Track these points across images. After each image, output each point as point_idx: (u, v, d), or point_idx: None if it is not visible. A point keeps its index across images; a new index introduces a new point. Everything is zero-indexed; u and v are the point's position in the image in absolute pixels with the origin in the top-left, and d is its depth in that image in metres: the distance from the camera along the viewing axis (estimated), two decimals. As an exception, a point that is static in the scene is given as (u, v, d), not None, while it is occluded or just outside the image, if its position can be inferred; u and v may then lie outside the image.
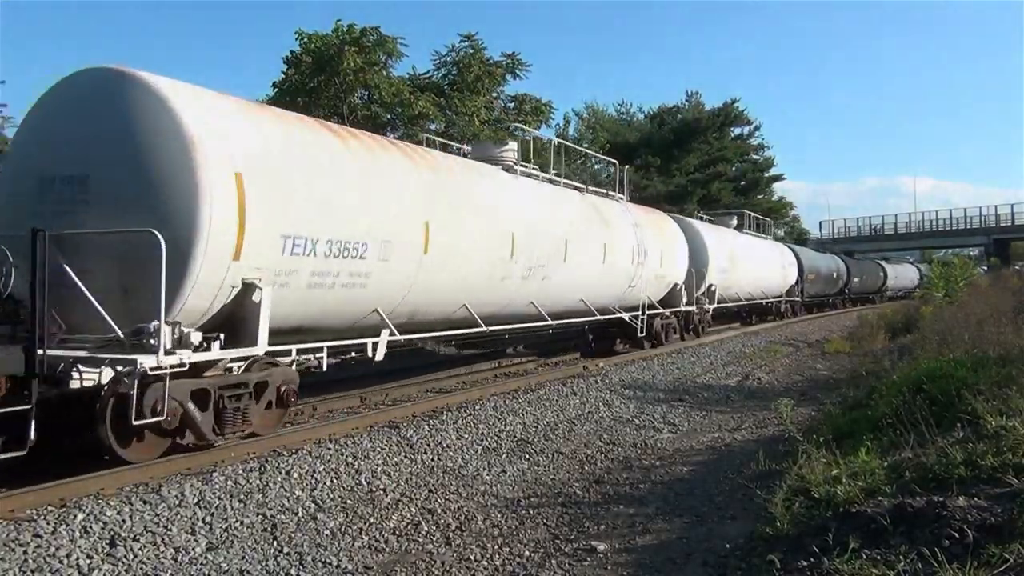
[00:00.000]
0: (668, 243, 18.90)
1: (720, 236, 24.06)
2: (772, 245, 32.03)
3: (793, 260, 32.88)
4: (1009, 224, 63.98)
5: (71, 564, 5.06)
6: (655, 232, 18.20)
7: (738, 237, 26.94)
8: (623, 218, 16.79)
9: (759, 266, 27.47)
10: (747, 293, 26.16)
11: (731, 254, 23.79)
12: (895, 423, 6.46)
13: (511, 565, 5.62)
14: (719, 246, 22.81)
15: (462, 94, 24.33)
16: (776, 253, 31.22)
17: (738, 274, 24.27)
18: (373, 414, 9.81)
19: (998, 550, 3.63)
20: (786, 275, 31.59)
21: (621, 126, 47.72)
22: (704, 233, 22.06)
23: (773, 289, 29.83)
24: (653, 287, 17.93)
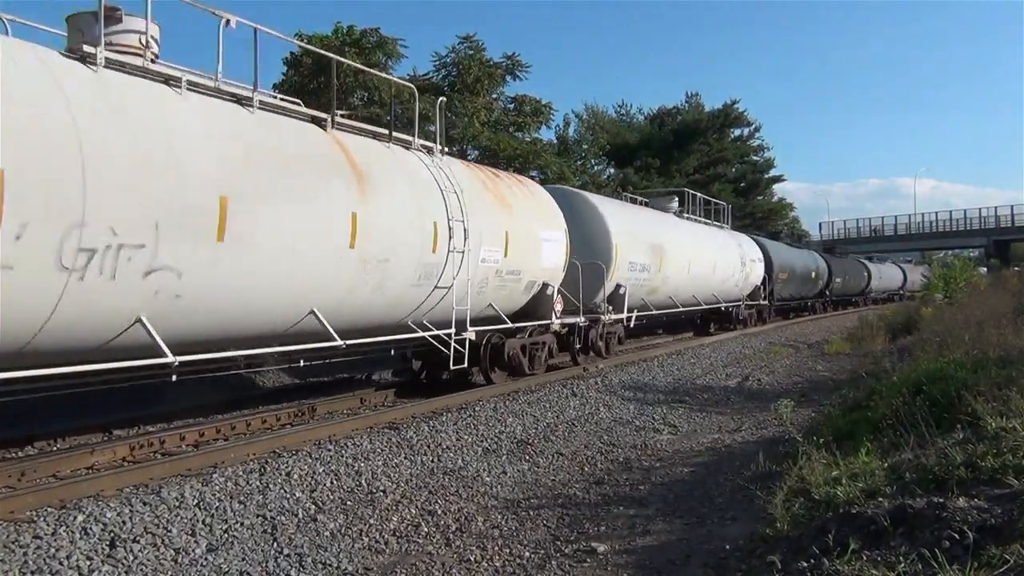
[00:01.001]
0: (525, 223, 12.85)
1: (638, 220, 18.72)
2: (729, 236, 26.11)
3: (758, 255, 27.57)
4: (1009, 225, 64.06)
5: (71, 565, 5.05)
6: (494, 202, 12.12)
7: (676, 224, 21.56)
8: (414, 171, 10.47)
9: (707, 262, 22.27)
10: (688, 296, 21.08)
11: (656, 246, 18.42)
12: (895, 424, 6.46)
13: (511, 566, 5.62)
14: (634, 233, 17.43)
15: (462, 95, 24.37)
16: (733, 246, 25.29)
17: (670, 272, 19.24)
18: (373, 415, 9.81)
19: (998, 551, 3.63)
20: (749, 274, 26.09)
21: (621, 127, 47.79)
22: (606, 214, 16.31)
23: (730, 291, 24.68)
24: (489, 290, 11.94)
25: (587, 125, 41.75)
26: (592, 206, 16.36)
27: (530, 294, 13.30)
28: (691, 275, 20.92)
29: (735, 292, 25.30)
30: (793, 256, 34.28)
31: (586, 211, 16.13)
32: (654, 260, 18.20)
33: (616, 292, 16.40)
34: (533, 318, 13.37)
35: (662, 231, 19.60)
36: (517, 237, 12.37)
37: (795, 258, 34.22)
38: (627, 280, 16.76)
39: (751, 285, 26.89)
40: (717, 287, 23.38)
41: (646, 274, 17.81)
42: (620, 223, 16.82)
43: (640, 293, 17.80)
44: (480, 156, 24.76)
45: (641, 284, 17.71)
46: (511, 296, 12.80)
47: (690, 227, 22.83)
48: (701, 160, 46.39)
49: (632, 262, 16.96)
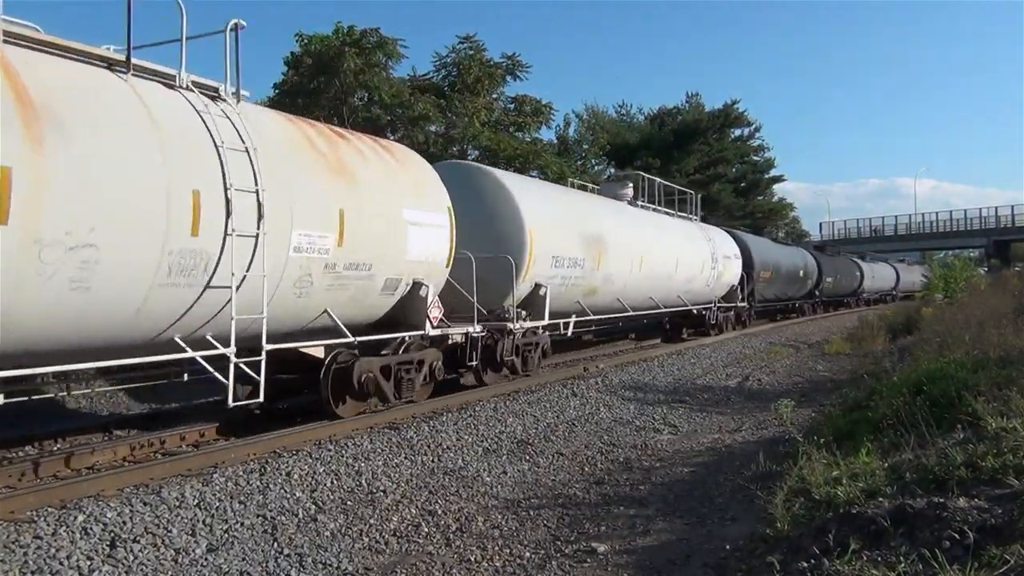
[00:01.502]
0: (380, 200, 9.59)
1: (566, 206, 15.35)
2: (698, 229, 22.88)
3: (734, 251, 24.57)
4: (1009, 225, 64.08)
5: (71, 566, 5.05)
6: (322, 169, 8.83)
7: (624, 213, 18.11)
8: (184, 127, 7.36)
9: (667, 258, 19.09)
10: (642, 299, 17.92)
11: (593, 237, 15.16)
12: (895, 424, 6.46)
13: (511, 566, 5.62)
14: (560, 221, 14.25)
15: (462, 95, 24.38)
16: (702, 241, 22.14)
17: (614, 269, 15.99)
18: (373, 415, 9.80)
19: (999, 551, 3.63)
20: (723, 272, 23.15)
21: (621, 127, 47.78)
22: (518, 195, 13.10)
23: (699, 292, 21.69)
24: (318, 291, 8.72)
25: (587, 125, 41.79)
26: (499, 184, 13.04)
27: (395, 296, 10.02)
28: (645, 273, 17.56)
29: (705, 293, 22.26)
30: (778, 253, 31.31)
31: (489, 191, 12.97)
32: (590, 255, 14.89)
33: (534, 294, 13.33)
34: (404, 328, 10.23)
35: (602, 220, 16.03)
36: (362, 218, 9.01)
37: (780, 255, 31.28)
38: (550, 279, 13.59)
39: (726, 285, 23.93)
40: (682, 287, 20.29)
41: (578, 271, 14.52)
42: (538, 208, 13.55)
43: (573, 295, 14.77)
44: (480, 156, 24.77)
45: (573, 284, 14.58)
46: (360, 299, 9.41)
47: (646, 217, 19.40)
48: (701, 160, 46.36)
49: (557, 257, 13.77)
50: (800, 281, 33.54)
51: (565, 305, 14.62)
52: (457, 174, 12.71)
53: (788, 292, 32.60)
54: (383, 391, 9.78)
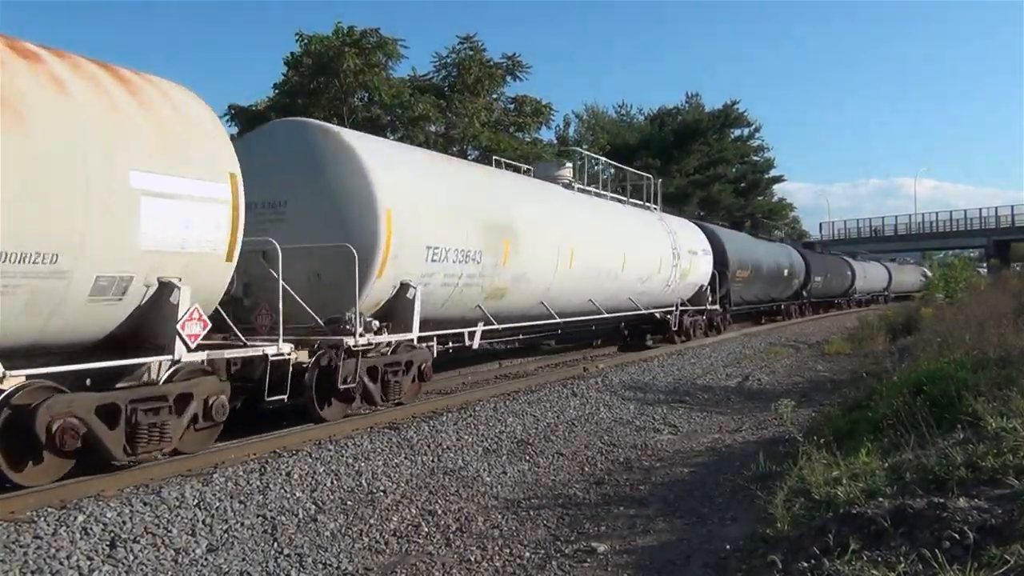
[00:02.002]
0: (95, 158, 6.38)
1: (454, 181, 11.87)
2: (657, 220, 19.83)
3: (703, 247, 21.65)
4: (1009, 225, 64.15)
5: (71, 566, 5.05)
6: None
7: (552, 198, 14.83)
8: None
9: (611, 253, 15.93)
10: (579, 302, 14.98)
11: (499, 225, 12.04)
12: (895, 424, 6.46)
13: (511, 566, 5.62)
14: (445, 203, 11.06)
15: (462, 96, 24.38)
16: (661, 234, 19.06)
17: (531, 266, 12.89)
18: (373, 415, 9.81)
19: (999, 551, 3.63)
20: (688, 270, 20.17)
21: (621, 127, 47.80)
22: (370, 163, 9.79)
23: (656, 293, 18.75)
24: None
25: (587, 125, 41.83)
26: (344, 149, 9.63)
27: (123, 304, 6.80)
28: (579, 271, 14.46)
29: (666, 295, 19.29)
30: (759, 250, 28.28)
31: (330, 156, 9.71)
32: (492, 247, 11.66)
33: (400, 297, 10.03)
34: (147, 350, 7.13)
35: (514, 205, 12.75)
36: (32, 181, 5.93)
37: (761, 253, 28.31)
38: (425, 277, 10.34)
39: (692, 285, 21.07)
40: (632, 288, 17.18)
41: (473, 268, 11.25)
42: (403, 182, 10.17)
43: (469, 298, 11.56)
44: (480, 156, 24.76)
45: (466, 284, 11.33)
46: (41, 310, 6.18)
47: (582, 204, 15.98)
48: (701, 160, 46.39)
49: (437, 248, 10.47)
50: (784, 281, 30.90)
51: (459, 311, 11.64)
52: (285, 134, 10.07)
53: (771, 293, 29.89)
54: (104, 447, 6.58)
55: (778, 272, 29.81)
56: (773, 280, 29.37)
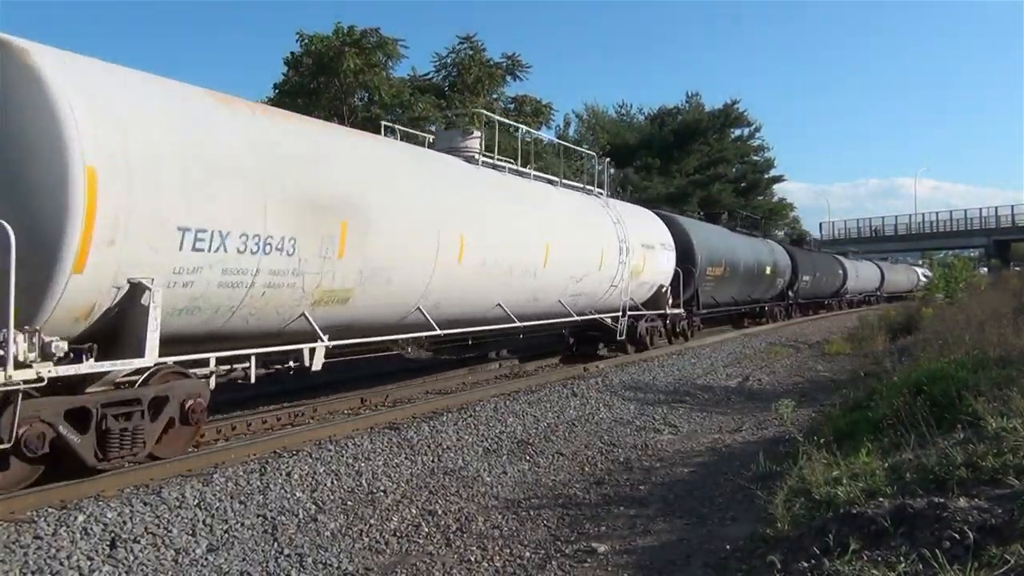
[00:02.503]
0: None
1: (267, 140, 8.12)
2: (600, 206, 16.11)
3: (662, 241, 18.33)
4: (1009, 225, 64.15)
5: (72, 566, 5.06)
6: None
7: (436, 170, 11.42)
8: None
9: (527, 242, 12.57)
10: (484, 306, 11.97)
11: (335, 201, 8.65)
12: (896, 424, 6.46)
13: (511, 566, 5.62)
14: (221, 165, 7.40)
15: (462, 95, 24.37)
16: (605, 222, 15.57)
17: (392, 260, 9.55)
18: (374, 415, 9.81)
19: (999, 551, 3.63)
20: (641, 268, 16.82)
21: (621, 127, 47.76)
22: (64, 100, 6.07)
23: (598, 295, 15.37)
24: None
25: (587, 125, 41.80)
26: (14, 61, 6.17)
27: None
28: (473, 267, 11.07)
29: (612, 297, 15.83)
30: (735, 245, 24.56)
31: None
32: (319, 231, 8.35)
33: (127, 305, 6.60)
34: None
35: (362, 174, 9.39)
36: None
37: (739, 248, 24.64)
38: (188, 274, 6.98)
39: (649, 285, 17.80)
40: (562, 288, 13.87)
41: (285, 260, 7.97)
42: (132, 124, 6.62)
43: (284, 304, 8.19)
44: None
45: (276, 284, 7.97)
46: None
47: (490, 181, 12.56)
48: (701, 160, 46.34)
49: (208, 231, 7.11)
50: (767, 280, 27.66)
51: (271, 322, 8.28)
52: None
53: (752, 293, 26.46)
54: None
55: (758, 270, 26.43)
56: (753, 279, 25.97)
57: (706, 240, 21.80)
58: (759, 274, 26.60)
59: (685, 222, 21.67)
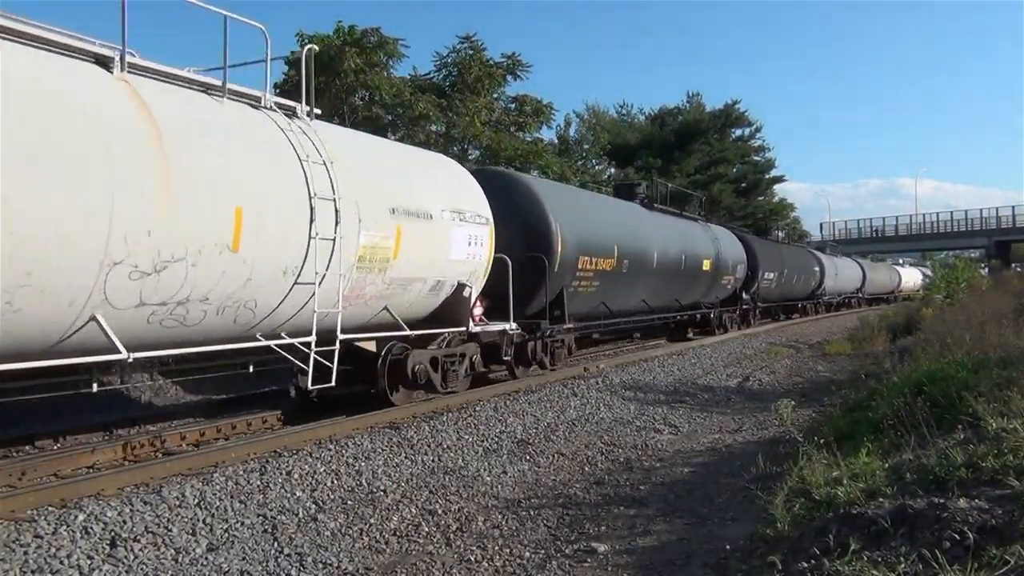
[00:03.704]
0: None
1: None
2: (436, 160, 11.84)
3: (484, 215, 11.37)
4: (1010, 226, 64.18)
5: (72, 565, 5.06)
6: None
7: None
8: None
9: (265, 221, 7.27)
10: (201, 322, 7.09)
11: None
12: (896, 425, 6.46)
13: (511, 566, 5.62)
14: None
15: (463, 95, 24.37)
16: (445, 185, 10.88)
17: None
18: (374, 415, 9.80)
19: (999, 552, 3.63)
20: (475, 257, 11.06)
21: (622, 127, 47.77)
22: None
23: (417, 301, 10.17)
24: None
25: (588, 125, 41.74)
26: None
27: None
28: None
29: (422, 303, 10.45)
30: (639, 226, 17.21)
31: None
32: None
33: None
34: None
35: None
36: None
37: (646, 231, 17.39)
38: None
39: (465, 272, 10.93)
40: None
41: None
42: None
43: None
44: (481, 156, 24.76)
45: None
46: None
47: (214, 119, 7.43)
48: (702, 160, 46.33)
49: None
50: (704, 278, 20.81)
51: None
52: None
53: (679, 297, 19.53)
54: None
55: (691, 265, 19.39)
56: (678, 276, 18.95)
57: (576, 213, 14.31)
58: (692, 270, 19.64)
59: (536, 185, 14.02)
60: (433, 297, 10.67)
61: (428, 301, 10.63)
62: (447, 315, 10.99)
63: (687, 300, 20.61)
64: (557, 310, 13.50)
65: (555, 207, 13.44)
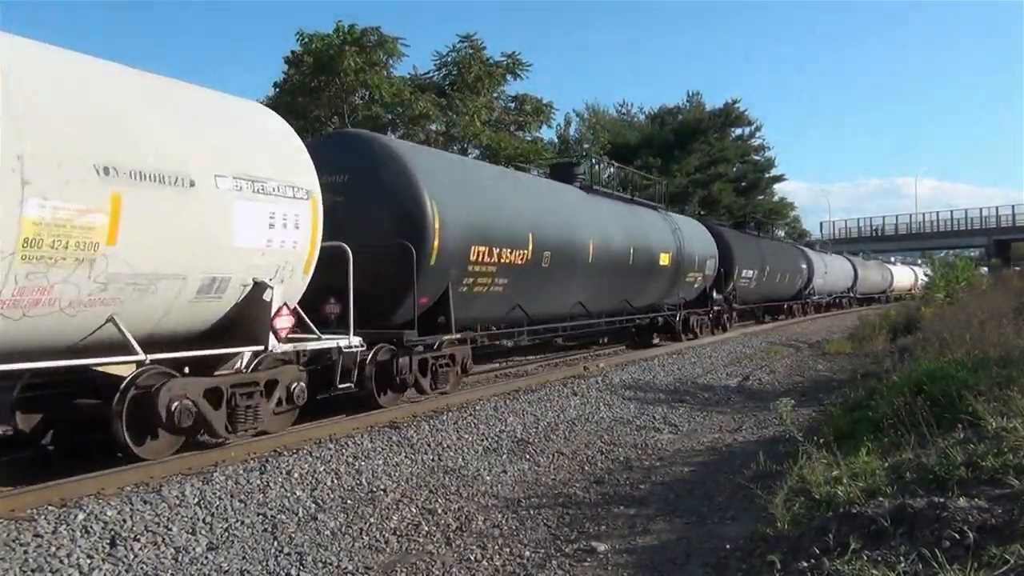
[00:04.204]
0: None
1: None
2: (207, 100, 7.76)
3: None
4: (1010, 225, 64.24)
5: (71, 564, 5.06)
6: None
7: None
8: None
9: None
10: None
11: None
12: (896, 424, 6.46)
13: (511, 565, 5.62)
14: None
15: (463, 94, 24.37)
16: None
17: None
18: (373, 414, 9.80)
19: (999, 551, 3.63)
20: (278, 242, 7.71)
21: (622, 126, 47.76)
22: None
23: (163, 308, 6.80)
24: None
25: (588, 124, 41.73)
26: None
27: None
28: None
29: (190, 312, 7.19)
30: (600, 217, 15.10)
31: None
32: None
33: None
34: None
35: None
36: None
37: (610, 221, 15.38)
38: None
39: (266, 266, 7.71)
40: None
41: None
42: None
43: None
44: (481, 155, 24.74)
45: None
46: None
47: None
48: (702, 159, 46.32)
49: None
50: (662, 276, 17.85)
51: None
52: None
53: (630, 298, 16.67)
54: None
55: (644, 259, 16.47)
56: (627, 274, 15.88)
57: (468, 192, 11.21)
58: (645, 266, 16.68)
59: (399, 148, 10.66)
60: (209, 303, 7.35)
61: (200, 309, 7.30)
62: (243, 328, 7.79)
63: (641, 302, 17.61)
64: (441, 315, 10.57)
65: (432, 181, 10.30)
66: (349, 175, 9.89)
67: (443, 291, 10.51)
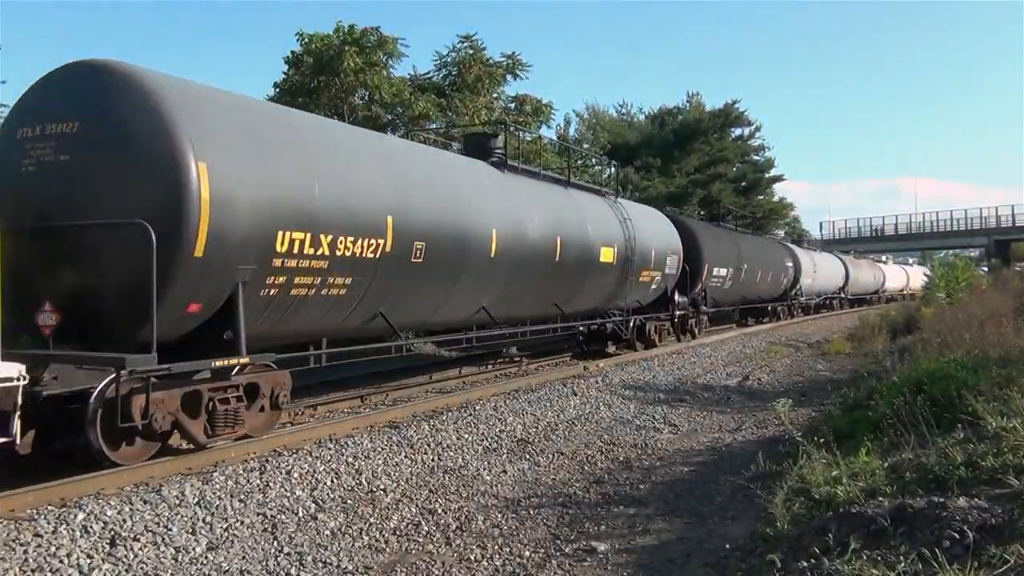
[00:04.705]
0: None
1: None
2: None
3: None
4: (1010, 225, 64.12)
5: (71, 564, 5.06)
6: None
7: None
8: None
9: None
10: None
11: None
12: (895, 424, 6.46)
13: (511, 565, 5.62)
14: None
15: (463, 94, 24.38)
16: None
17: None
18: (373, 414, 9.81)
19: (998, 551, 3.63)
20: None
21: (621, 127, 47.75)
22: None
23: None
24: None
25: (588, 124, 41.75)
26: None
27: None
28: None
29: None
30: (514, 200, 12.11)
31: None
32: None
33: None
34: None
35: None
36: None
37: (528, 206, 12.35)
38: None
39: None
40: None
41: None
42: None
43: None
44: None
45: None
46: None
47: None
48: (702, 160, 46.31)
49: None
50: (598, 276, 14.65)
51: None
52: None
53: (549, 300, 13.54)
54: None
55: (578, 256, 13.62)
56: (539, 272, 12.50)
57: (276, 152, 7.93)
58: (579, 262, 13.69)
59: (152, 82, 7.04)
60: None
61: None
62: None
63: (577, 307, 14.51)
64: (229, 329, 7.35)
65: (204, 132, 7.00)
66: (80, 123, 6.89)
67: (229, 295, 7.30)
